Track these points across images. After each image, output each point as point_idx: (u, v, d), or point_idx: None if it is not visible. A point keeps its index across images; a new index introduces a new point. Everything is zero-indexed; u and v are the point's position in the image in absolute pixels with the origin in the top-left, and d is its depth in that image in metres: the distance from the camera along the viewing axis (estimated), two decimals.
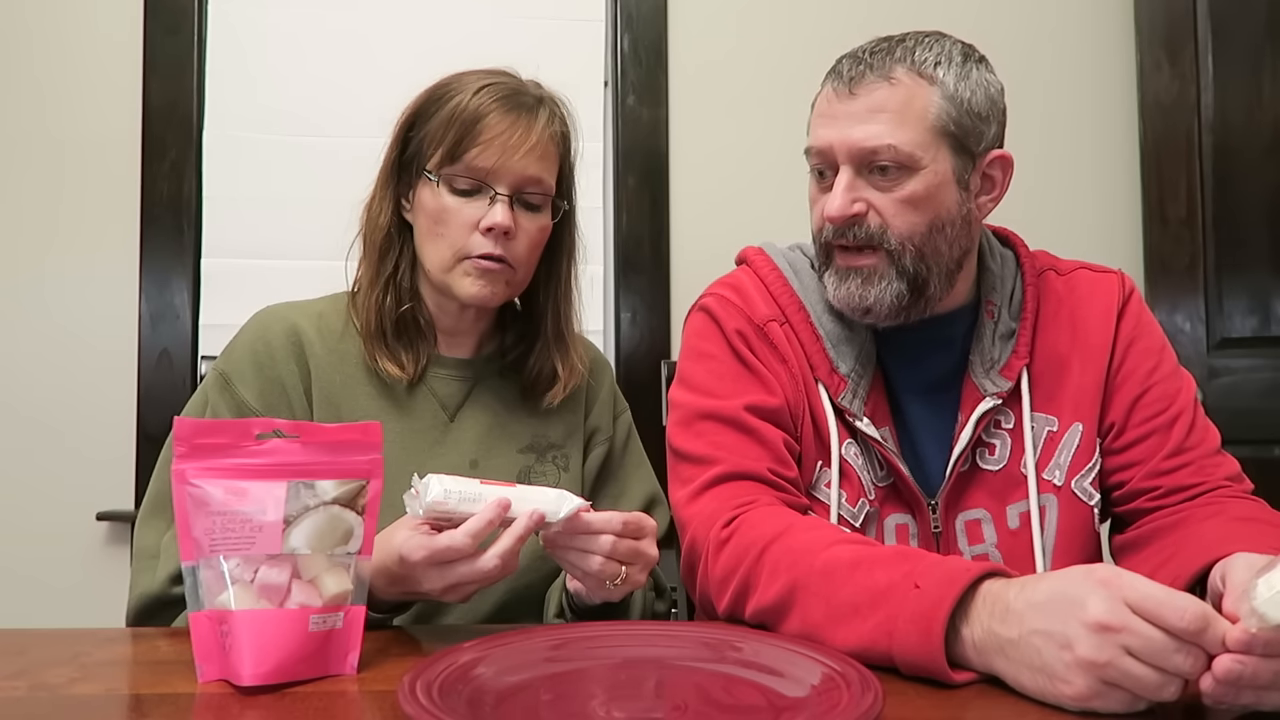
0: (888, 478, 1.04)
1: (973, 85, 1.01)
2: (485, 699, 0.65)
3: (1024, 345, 1.06)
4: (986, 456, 1.05)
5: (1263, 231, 1.91)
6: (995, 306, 1.08)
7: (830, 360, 1.05)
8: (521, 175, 1.06)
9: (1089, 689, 0.63)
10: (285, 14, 1.89)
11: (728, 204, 1.95)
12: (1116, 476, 1.06)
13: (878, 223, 1.00)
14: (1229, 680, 0.61)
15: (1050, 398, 1.06)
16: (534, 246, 1.10)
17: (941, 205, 1.01)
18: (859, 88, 0.99)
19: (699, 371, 1.07)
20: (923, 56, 1.00)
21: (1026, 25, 2.01)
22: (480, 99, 1.06)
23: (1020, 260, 1.13)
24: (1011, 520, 1.04)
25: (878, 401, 1.05)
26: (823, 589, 0.80)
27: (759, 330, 1.06)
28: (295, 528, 0.73)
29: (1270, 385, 1.88)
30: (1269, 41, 1.91)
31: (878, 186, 0.99)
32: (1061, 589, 0.67)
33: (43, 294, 1.83)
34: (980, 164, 1.03)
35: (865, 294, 1.01)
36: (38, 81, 1.85)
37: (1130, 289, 1.12)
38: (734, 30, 1.98)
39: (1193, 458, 1.03)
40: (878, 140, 0.97)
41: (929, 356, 1.07)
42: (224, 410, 1.05)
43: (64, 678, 0.72)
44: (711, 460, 1.00)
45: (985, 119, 1.02)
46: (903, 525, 1.04)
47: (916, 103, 0.98)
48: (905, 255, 1.00)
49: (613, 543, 0.85)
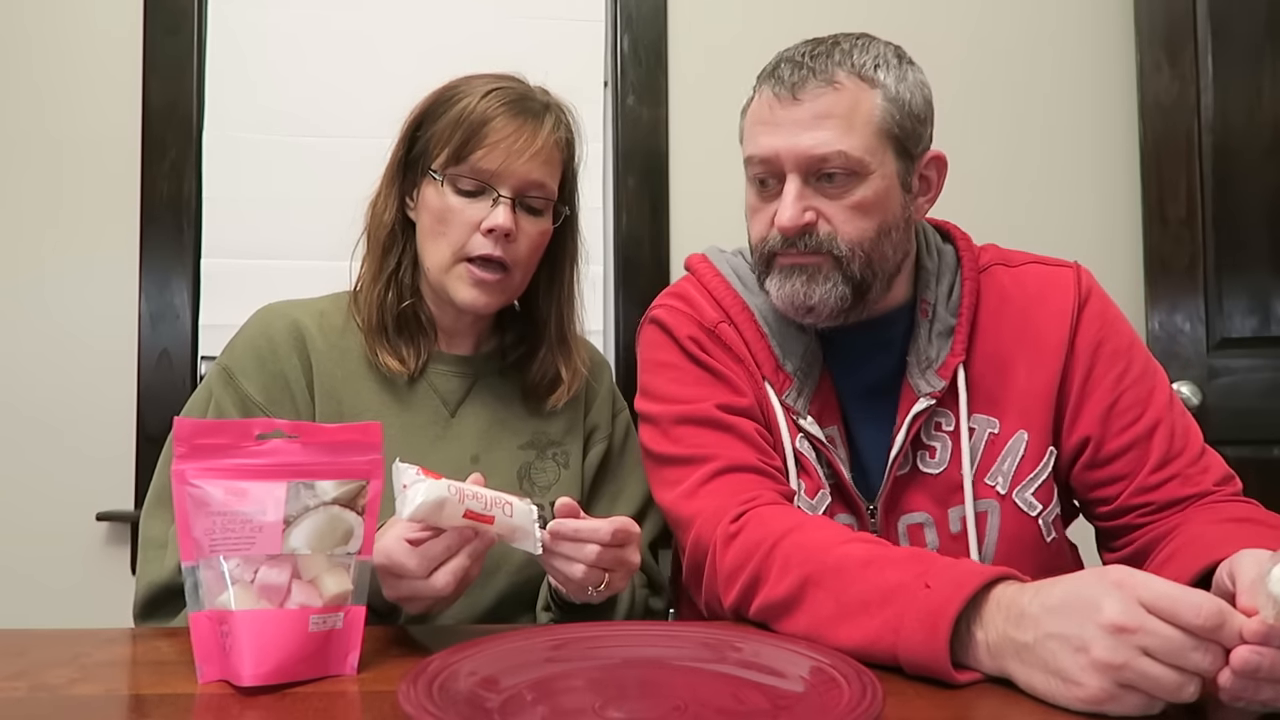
0: (832, 476, 1.04)
1: (910, 86, 1.00)
2: (485, 699, 0.65)
3: (960, 343, 1.04)
4: (927, 459, 1.04)
5: (1263, 231, 1.91)
6: (930, 305, 1.06)
7: (776, 358, 1.05)
8: (525, 179, 1.07)
9: (1104, 691, 0.63)
10: (285, 14, 1.89)
11: (728, 204, 1.93)
12: (1102, 491, 1.04)
13: (827, 230, 0.99)
14: (1247, 672, 0.60)
15: (993, 399, 1.04)
16: (533, 249, 1.11)
17: (888, 210, 1.00)
18: (802, 93, 0.97)
19: (661, 381, 1.07)
20: (861, 59, 0.98)
21: (1027, 26, 2.00)
22: (488, 102, 1.07)
23: (960, 255, 1.10)
24: (954, 524, 1.03)
25: (825, 401, 1.05)
26: (834, 585, 0.79)
27: (710, 333, 1.06)
28: (295, 528, 0.73)
29: (1270, 385, 1.88)
30: (1269, 41, 1.91)
31: (826, 194, 0.98)
32: (1076, 591, 0.66)
33: (43, 294, 1.83)
34: (918, 165, 1.03)
35: (810, 292, 0.99)
36: (37, 81, 1.85)
37: (1088, 286, 1.08)
38: (734, 30, 1.98)
39: (1179, 467, 1.01)
40: (827, 147, 0.96)
41: (869, 358, 1.06)
42: (228, 404, 1.05)
43: (64, 678, 0.72)
44: (700, 458, 1.00)
45: (923, 120, 1.01)
46: (849, 525, 1.02)
47: (862, 107, 0.97)
48: (854, 261, 0.99)
49: (598, 552, 0.85)
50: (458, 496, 0.79)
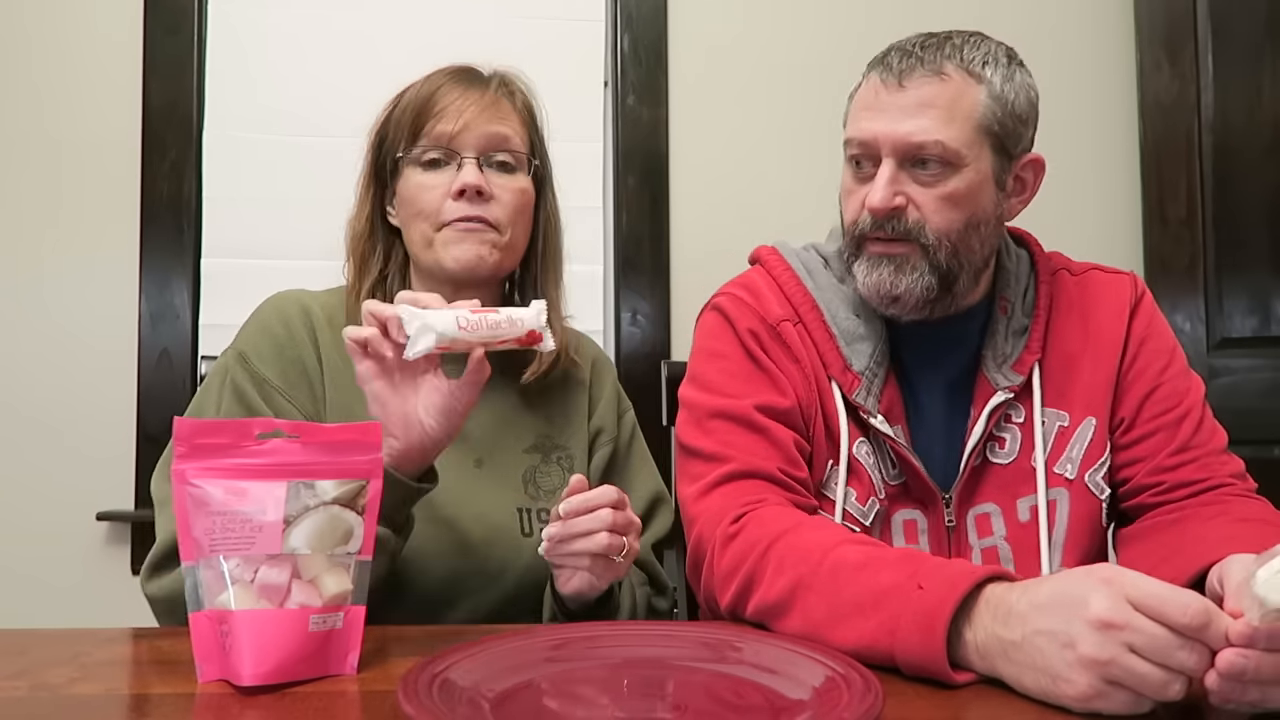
0: (899, 475, 1.05)
1: (1016, 87, 1.01)
2: (485, 699, 0.65)
3: (1036, 341, 1.07)
4: (996, 450, 1.06)
5: (1263, 231, 1.91)
6: (1010, 303, 1.09)
7: (844, 358, 1.05)
8: (484, 134, 1.08)
9: (1091, 688, 0.63)
10: (285, 14, 1.89)
11: (728, 204, 1.95)
12: (1122, 472, 1.06)
13: (916, 217, 1.00)
14: (1233, 674, 0.61)
15: (1061, 393, 1.07)
16: (517, 209, 1.10)
17: (979, 204, 1.01)
18: (909, 80, 0.98)
19: (711, 371, 1.07)
20: (971, 55, 1.00)
21: (1026, 25, 2.00)
22: (432, 81, 1.10)
23: (1035, 259, 1.13)
24: (1021, 514, 1.04)
25: (892, 398, 1.05)
26: (827, 587, 0.80)
27: (772, 330, 1.06)
28: (295, 528, 0.73)
29: (1270, 385, 1.88)
30: (1269, 41, 1.91)
31: (919, 181, 0.99)
32: (1064, 589, 0.67)
33: (43, 294, 1.83)
34: (1015, 166, 1.04)
35: (896, 282, 1.01)
36: (37, 82, 1.85)
37: (1142, 290, 1.12)
38: (734, 30, 1.98)
39: (1198, 454, 1.03)
40: (926, 135, 0.97)
41: (944, 353, 1.08)
42: (246, 384, 1.04)
43: (64, 678, 0.72)
44: (722, 458, 1.00)
45: (1025, 121, 1.03)
46: (911, 521, 1.04)
47: (965, 100, 0.98)
48: (940, 251, 1.00)
49: (612, 513, 0.89)
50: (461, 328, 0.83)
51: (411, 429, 0.88)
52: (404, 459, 0.89)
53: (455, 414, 0.88)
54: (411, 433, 0.88)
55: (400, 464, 0.89)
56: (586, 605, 0.97)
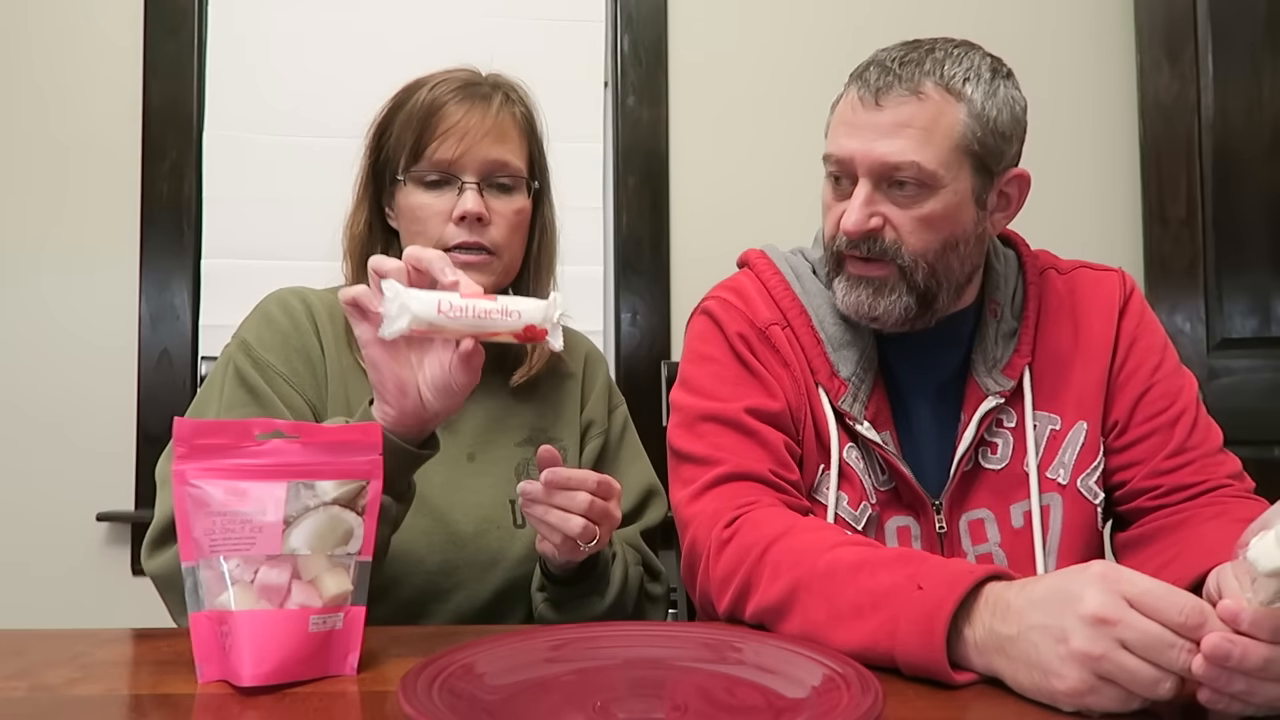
0: (889, 481, 1.04)
1: (999, 103, 0.99)
2: (485, 699, 0.65)
3: (1026, 344, 1.06)
4: (989, 455, 1.05)
5: (1263, 231, 1.91)
6: (999, 306, 1.08)
7: (831, 364, 1.05)
8: (485, 160, 1.08)
9: (1083, 683, 0.63)
10: (286, 14, 1.89)
11: (728, 204, 1.95)
12: (1119, 476, 1.06)
13: (892, 238, 0.99)
14: (1217, 659, 0.60)
15: (1052, 396, 1.06)
16: (514, 229, 1.11)
17: (957, 224, 1.00)
18: (886, 99, 0.97)
19: (700, 374, 1.07)
20: (952, 71, 0.98)
21: (1026, 25, 2.01)
22: (435, 93, 1.09)
23: (1022, 260, 1.13)
24: (1015, 519, 1.04)
25: (879, 404, 1.05)
26: (825, 589, 0.79)
27: (761, 333, 1.06)
28: (295, 528, 0.73)
29: (1270, 385, 1.88)
30: (1269, 41, 1.91)
31: (896, 202, 0.98)
32: (1060, 585, 0.67)
33: (43, 294, 1.83)
34: (999, 182, 1.02)
35: (875, 304, 1.01)
36: (38, 83, 1.85)
37: (1131, 287, 1.11)
38: (734, 30, 1.98)
39: (1194, 456, 1.03)
40: (901, 156, 0.96)
41: (933, 358, 1.07)
42: (249, 369, 1.04)
43: (64, 678, 0.72)
44: (713, 461, 1.00)
45: (1008, 138, 1.01)
46: (904, 528, 1.04)
47: (943, 121, 0.97)
48: (918, 271, 1.00)
49: (590, 501, 0.89)
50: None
51: (406, 397, 0.84)
52: (399, 425, 0.86)
53: (452, 393, 0.84)
54: (406, 401, 0.84)
55: (396, 430, 0.86)
56: (568, 570, 1.00)
